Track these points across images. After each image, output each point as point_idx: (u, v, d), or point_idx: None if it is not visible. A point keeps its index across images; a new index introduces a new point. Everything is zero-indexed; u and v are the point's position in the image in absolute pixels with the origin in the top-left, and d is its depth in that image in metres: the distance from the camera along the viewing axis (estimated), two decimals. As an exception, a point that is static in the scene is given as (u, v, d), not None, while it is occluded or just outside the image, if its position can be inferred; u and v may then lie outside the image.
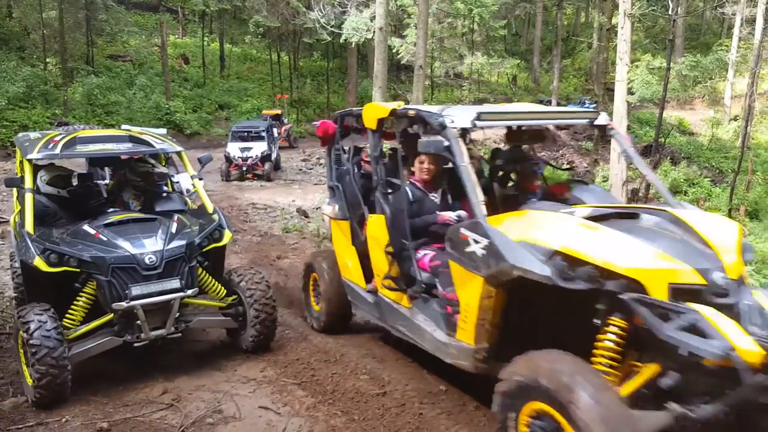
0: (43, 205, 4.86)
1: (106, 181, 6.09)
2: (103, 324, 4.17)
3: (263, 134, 16.66)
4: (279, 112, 23.27)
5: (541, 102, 36.74)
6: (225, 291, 4.73)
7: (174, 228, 4.45)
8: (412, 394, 3.96)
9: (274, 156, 16.77)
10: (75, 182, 5.49)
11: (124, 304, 4.00)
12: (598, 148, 17.57)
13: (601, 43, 22.95)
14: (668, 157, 28.05)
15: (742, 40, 31.76)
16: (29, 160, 4.59)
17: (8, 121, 19.50)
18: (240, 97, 30.03)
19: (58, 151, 4.63)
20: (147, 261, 4.09)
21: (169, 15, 35.19)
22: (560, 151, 32.48)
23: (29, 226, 4.28)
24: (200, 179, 5.28)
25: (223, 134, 22.74)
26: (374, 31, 20.81)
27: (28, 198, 4.43)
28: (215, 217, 4.85)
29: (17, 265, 5.33)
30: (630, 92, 25.62)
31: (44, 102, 21.84)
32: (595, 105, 31.85)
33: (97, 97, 23.44)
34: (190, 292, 4.25)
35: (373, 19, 21.72)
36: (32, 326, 3.77)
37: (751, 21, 30.30)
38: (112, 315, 4.12)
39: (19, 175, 5.37)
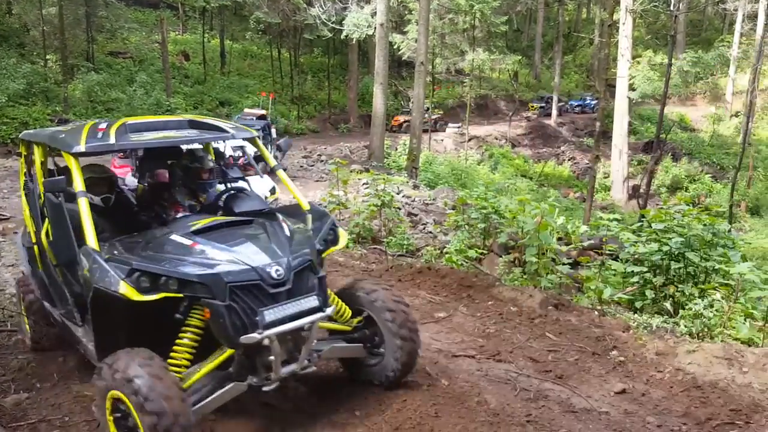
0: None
1: (133, 186, 5.05)
2: (217, 365, 3.23)
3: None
4: (264, 112, 21.12)
5: (541, 98, 36.73)
6: (350, 311, 3.80)
7: (287, 230, 3.55)
8: (414, 390, 3.96)
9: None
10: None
11: (256, 335, 3.01)
12: (600, 145, 17.56)
13: (602, 39, 22.87)
14: (669, 153, 28.06)
15: (743, 36, 31.70)
16: (75, 155, 3.51)
17: (8, 118, 19.51)
18: (241, 93, 30.02)
19: (112, 140, 3.57)
20: (274, 275, 3.13)
21: (170, 11, 35.15)
22: (561, 148, 32.49)
23: (93, 241, 3.26)
24: (284, 169, 4.24)
25: (224, 131, 22.65)
26: (375, 28, 20.80)
27: (84, 204, 3.38)
28: (311, 216, 3.91)
29: (33, 296, 4.45)
30: (631, 88, 25.66)
31: (44, 99, 21.84)
32: (596, 101, 31.81)
33: (97, 94, 23.45)
34: (329, 311, 3.33)
35: (374, 15, 21.69)
36: (145, 390, 2.73)
37: (752, 17, 30.22)
38: (229, 352, 3.17)
39: (41, 177, 4.13)
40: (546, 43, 43.08)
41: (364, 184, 13.67)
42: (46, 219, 4.00)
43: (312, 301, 3.24)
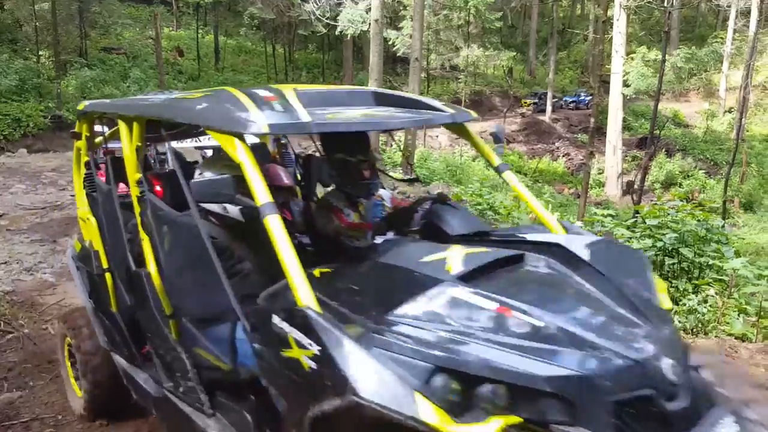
0: (208, 236, 2.24)
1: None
2: None
3: None
4: None
5: (534, 95, 36.80)
6: None
7: (610, 280, 2.02)
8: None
9: None
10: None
11: None
12: (594, 141, 17.66)
13: (597, 35, 22.94)
14: (663, 149, 28.14)
15: (737, 32, 31.79)
16: (243, 137, 2.00)
17: (1, 115, 19.37)
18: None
19: (304, 117, 2.02)
20: (671, 376, 1.66)
21: (163, 7, 34.95)
22: (556, 144, 32.54)
23: (310, 297, 1.72)
24: (509, 168, 2.71)
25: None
26: (370, 24, 20.75)
27: (276, 223, 1.85)
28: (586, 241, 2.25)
29: (91, 342, 3.27)
30: (625, 84, 25.73)
31: (37, 95, 21.71)
32: (591, 97, 31.87)
33: (90, 90, 23.31)
34: None
35: (368, 11, 21.64)
36: None
37: (746, 13, 30.31)
38: None
39: (134, 170, 2.65)
40: (540, 39, 43.08)
41: (359, 180, 13.65)
42: (143, 238, 2.51)
43: (730, 427, 1.70)
